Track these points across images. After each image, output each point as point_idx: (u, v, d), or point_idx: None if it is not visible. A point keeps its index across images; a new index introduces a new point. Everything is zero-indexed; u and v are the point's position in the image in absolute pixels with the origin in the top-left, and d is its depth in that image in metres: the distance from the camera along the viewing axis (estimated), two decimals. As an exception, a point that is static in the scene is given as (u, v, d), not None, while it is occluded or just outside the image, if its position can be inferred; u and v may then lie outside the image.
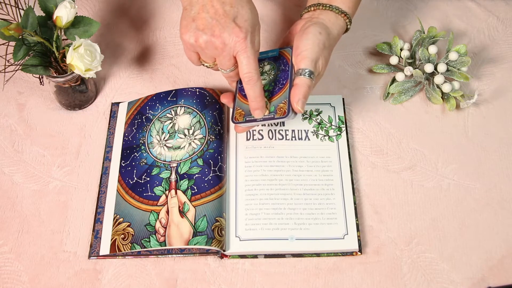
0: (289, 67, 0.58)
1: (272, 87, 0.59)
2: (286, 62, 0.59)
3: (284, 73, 0.59)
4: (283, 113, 0.56)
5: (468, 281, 0.60)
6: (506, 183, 0.67)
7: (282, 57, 0.60)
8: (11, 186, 0.67)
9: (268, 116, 0.57)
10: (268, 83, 0.60)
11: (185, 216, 0.61)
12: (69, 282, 0.60)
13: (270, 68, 0.61)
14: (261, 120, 0.57)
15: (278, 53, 0.61)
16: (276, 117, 0.56)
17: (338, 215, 0.63)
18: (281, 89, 0.57)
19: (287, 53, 0.60)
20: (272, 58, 0.62)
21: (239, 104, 0.60)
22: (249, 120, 0.58)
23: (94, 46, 0.64)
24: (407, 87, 0.73)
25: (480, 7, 0.83)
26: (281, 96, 0.57)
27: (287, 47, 0.61)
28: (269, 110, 0.57)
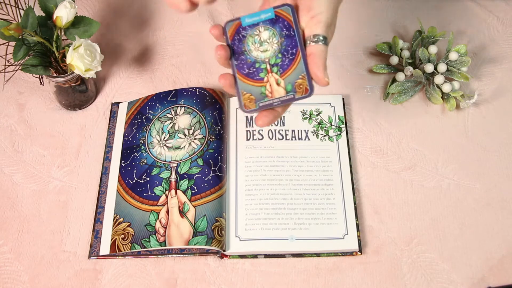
0: (294, 31, 0.47)
1: (280, 59, 0.47)
2: (289, 25, 0.47)
3: (290, 39, 0.47)
4: (305, 91, 0.46)
5: (468, 281, 0.60)
6: (506, 183, 0.67)
7: (281, 18, 0.48)
8: (11, 186, 0.67)
9: (287, 97, 0.46)
10: (274, 55, 0.47)
11: (185, 216, 0.61)
12: (69, 282, 0.60)
13: (270, 34, 0.48)
14: (278, 102, 0.46)
15: (274, 14, 0.48)
16: (297, 97, 0.46)
17: (338, 215, 0.63)
18: (292, 61, 0.47)
19: (286, 13, 0.48)
20: (268, 22, 0.48)
21: (243, 86, 0.47)
22: (263, 105, 0.46)
23: (94, 46, 0.64)
24: (407, 87, 0.73)
25: (480, 7, 0.83)
26: (295, 70, 0.47)
27: (283, 6, 0.48)
28: (286, 89, 0.46)
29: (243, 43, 0.48)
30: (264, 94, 0.47)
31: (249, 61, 0.48)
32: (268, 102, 0.46)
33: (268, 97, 0.46)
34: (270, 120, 0.47)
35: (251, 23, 0.49)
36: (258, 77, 0.47)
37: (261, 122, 0.47)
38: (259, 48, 0.48)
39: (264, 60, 0.48)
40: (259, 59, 0.48)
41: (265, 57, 0.48)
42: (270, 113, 0.47)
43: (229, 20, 0.48)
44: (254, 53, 0.48)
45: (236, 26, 0.48)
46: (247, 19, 0.48)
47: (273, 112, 0.47)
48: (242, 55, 0.48)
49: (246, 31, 0.48)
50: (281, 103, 0.47)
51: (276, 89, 0.46)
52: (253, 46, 0.48)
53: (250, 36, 0.48)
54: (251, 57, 0.48)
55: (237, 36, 0.48)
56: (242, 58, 0.48)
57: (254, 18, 0.49)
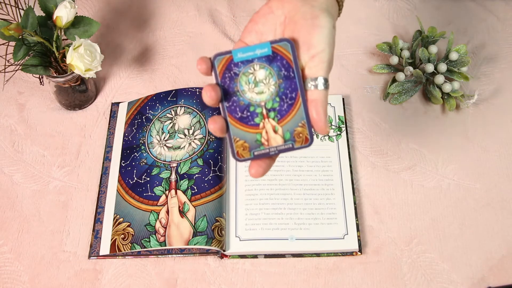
0: (294, 72, 0.42)
1: (278, 103, 0.42)
2: (288, 64, 0.42)
3: (289, 81, 0.42)
4: (304, 141, 0.42)
5: (468, 281, 0.60)
6: (506, 183, 0.67)
7: (279, 56, 0.42)
8: (11, 186, 0.67)
9: (285, 147, 0.42)
10: (271, 99, 0.42)
11: (185, 216, 0.61)
12: (69, 282, 0.60)
13: (267, 74, 0.42)
14: (275, 151, 0.42)
15: (271, 50, 0.42)
16: (296, 147, 0.42)
17: (338, 215, 0.63)
18: (291, 107, 0.42)
19: (285, 49, 0.42)
20: (264, 59, 0.42)
21: (236, 132, 0.42)
22: (258, 154, 0.42)
23: (94, 46, 0.64)
24: (407, 87, 0.73)
25: (480, 7, 0.83)
26: (294, 116, 0.42)
27: (281, 41, 0.42)
28: (284, 137, 0.42)
29: (235, 82, 0.42)
30: (259, 142, 0.42)
31: (243, 104, 0.42)
32: (264, 151, 0.42)
33: (264, 145, 0.42)
34: (264, 170, 0.42)
35: (244, 58, 0.42)
36: (253, 122, 0.42)
37: (254, 172, 0.42)
38: (254, 89, 0.42)
39: (260, 103, 0.42)
40: (254, 102, 0.42)
41: (261, 100, 0.42)
42: (265, 162, 0.42)
43: (218, 53, 0.42)
44: (248, 94, 0.42)
45: (226, 61, 0.42)
46: (239, 54, 0.42)
47: (267, 161, 0.42)
48: (235, 96, 0.42)
49: (239, 68, 0.42)
50: (278, 152, 0.42)
51: (273, 137, 0.42)
52: (247, 87, 0.42)
53: (243, 75, 0.42)
54: (244, 99, 0.42)
55: (228, 74, 0.42)
56: (235, 100, 0.42)
57: (248, 53, 0.42)
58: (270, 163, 0.43)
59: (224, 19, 0.82)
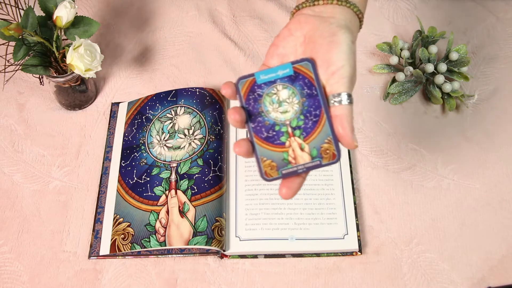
0: (316, 90, 0.43)
1: (303, 121, 0.43)
2: (310, 83, 0.43)
3: (313, 99, 0.43)
4: (332, 157, 0.42)
5: (468, 281, 0.60)
6: (506, 183, 0.67)
7: (301, 75, 0.43)
8: (11, 186, 0.67)
9: (313, 163, 0.42)
10: (295, 117, 0.43)
11: (185, 216, 0.61)
12: (69, 282, 0.60)
13: (290, 93, 0.43)
14: (303, 169, 0.42)
15: (293, 70, 0.44)
16: (324, 163, 0.42)
17: (338, 215, 0.63)
18: (316, 124, 0.43)
19: (306, 69, 0.43)
20: (286, 79, 0.43)
21: (262, 152, 0.42)
22: (286, 172, 0.42)
23: (94, 46, 0.64)
24: (407, 87, 0.73)
25: (480, 7, 0.83)
26: (320, 133, 0.42)
27: (302, 61, 0.43)
28: (311, 154, 0.42)
29: (259, 103, 0.43)
30: (286, 160, 0.42)
31: (268, 124, 0.43)
32: (292, 170, 0.42)
33: (292, 163, 0.42)
34: (295, 191, 0.42)
35: (267, 80, 0.43)
36: (279, 141, 0.42)
37: (285, 193, 0.42)
38: (278, 109, 0.43)
39: (285, 122, 0.43)
40: (279, 121, 0.43)
41: (285, 119, 0.43)
42: (294, 182, 0.42)
43: (241, 77, 0.44)
44: (273, 114, 0.43)
45: (250, 84, 0.44)
46: (262, 76, 0.43)
47: (297, 180, 0.42)
48: (259, 116, 0.43)
49: (262, 90, 0.43)
50: (306, 170, 0.42)
51: (300, 155, 0.42)
52: (271, 107, 0.43)
53: (267, 95, 0.43)
54: (269, 119, 0.43)
55: (252, 95, 0.43)
56: (260, 120, 0.43)
57: (271, 74, 0.44)
58: (300, 182, 0.43)
59: (224, 19, 0.82)
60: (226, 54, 0.79)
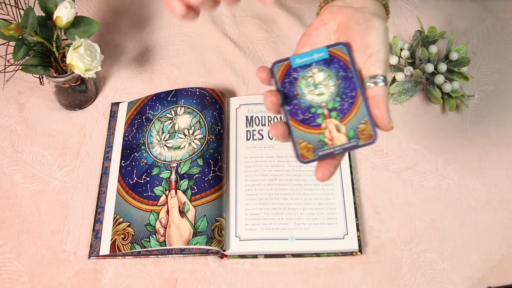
0: (352, 72, 0.43)
1: (339, 103, 0.43)
2: (345, 65, 0.43)
3: (348, 81, 0.43)
4: (369, 137, 0.42)
5: (468, 281, 0.60)
6: (506, 183, 0.67)
7: (336, 58, 0.44)
8: (11, 186, 0.67)
9: (350, 144, 0.42)
10: (331, 99, 0.43)
11: (185, 216, 0.62)
12: (69, 282, 0.60)
13: (325, 76, 0.44)
14: (340, 150, 0.42)
15: (328, 54, 0.44)
16: (361, 144, 0.42)
17: (338, 215, 0.63)
18: (352, 105, 0.43)
19: (341, 52, 0.44)
20: (322, 62, 0.44)
21: (298, 134, 0.43)
22: (323, 154, 0.42)
23: (94, 46, 0.64)
24: (407, 87, 0.73)
25: (480, 7, 0.83)
26: (356, 114, 0.42)
27: (336, 45, 0.44)
28: (348, 135, 0.42)
29: (295, 86, 0.44)
30: (323, 142, 0.42)
31: (304, 106, 0.43)
32: (329, 151, 0.42)
33: (328, 145, 0.42)
34: (331, 172, 0.42)
35: (302, 63, 0.44)
36: (315, 123, 0.43)
37: (321, 176, 0.42)
38: (314, 91, 0.43)
39: (321, 104, 0.43)
40: (315, 104, 0.43)
41: (321, 101, 0.43)
42: (330, 164, 0.42)
43: (277, 61, 0.44)
44: (309, 97, 0.43)
45: (285, 68, 0.44)
46: (297, 60, 0.44)
47: (333, 162, 0.42)
48: (295, 99, 0.43)
49: (298, 73, 0.44)
50: (343, 151, 0.42)
51: (336, 136, 0.42)
52: (307, 89, 0.43)
53: (302, 79, 0.44)
54: (305, 101, 0.43)
55: (288, 79, 0.44)
56: (295, 103, 0.43)
57: (306, 58, 0.44)
58: (336, 165, 0.43)
59: (224, 19, 0.82)
60: (226, 54, 0.79)
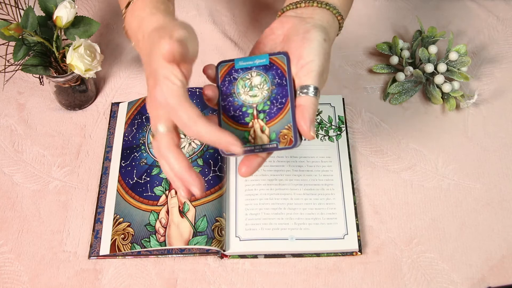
0: (286, 80, 0.46)
1: (268, 106, 0.46)
2: (282, 74, 0.46)
3: (281, 88, 0.46)
4: (288, 142, 0.44)
5: (468, 281, 0.60)
6: (506, 183, 0.67)
7: (275, 66, 0.47)
8: (11, 186, 0.67)
9: (270, 146, 0.45)
10: (262, 102, 0.46)
11: (185, 216, 0.62)
12: (69, 282, 0.60)
13: (262, 80, 0.47)
14: (260, 150, 0.45)
15: (269, 61, 0.48)
16: (280, 147, 0.45)
17: (338, 215, 0.63)
18: (280, 110, 0.45)
19: (281, 61, 0.47)
20: (261, 67, 0.47)
21: (226, 128, 0.46)
22: (244, 150, 0.45)
23: (94, 46, 0.64)
24: (407, 87, 0.73)
25: (480, 7, 0.83)
26: (282, 119, 0.45)
27: (278, 54, 0.47)
28: (270, 137, 0.45)
29: (233, 85, 0.47)
30: (246, 139, 0.45)
31: (236, 104, 0.47)
32: (250, 148, 0.45)
33: (251, 142, 0.45)
34: (253, 169, 0.45)
35: (244, 66, 0.48)
36: (243, 121, 0.46)
37: (244, 171, 0.45)
38: (248, 93, 0.47)
39: (252, 105, 0.46)
40: (247, 104, 0.47)
41: (253, 102, 0.46)
42: (253, 161, 0.45)
43: (222, 61, 0.48)
44: (243, 96, 0.47)
45: (228, 68, 0.48)
46: (240, 62, 0.48)
47: (256, 160, 0.45)
48: (230, 97, 0.47)
49: (238, 74, 0.48)
50: (262, 151, 0.45)
51: (259, 136, 0.45)
52: (243, 90, 0.47)
53: (241, 79, 0.47)
54: (239, 100, 0.47)
55: (228, 78, 0.48)
56: (230, 100, 0.47)
57: (248, 62, 0.48)
58: (259, 163, 0.46)
59: (224, 19, 0.82)
60: (226, 54, 0.79)
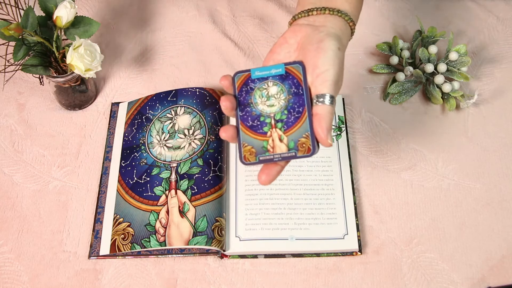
0: (302, 90, 0.47)
1: (286, 116, 0.47)
2: (298, 83, 0.47)
3: (298, 97, 0.47)
4: (307, 151, 0.45)
5: (468, 281, 0.60)
6: (506, 183, 0.67)
7: (291, 75, 0.48)
8: (11, 186, 0.67)
9: (289, 154, 0.46)
10: (280, 111, 0.47)
11: (185, 216, 0.62)
12: (69, 282, 0.60)
13: (278, 90, 0.48)
14: (279, 158, 0.46)
15: (285, 71, 0.48)
16: (298, 155, 0.46)
17: (338, 215, 0.63)
18: (298, 119, 0.46)
19: (296, 70, 0.48)
20: (277, 77, 0.48)
21: (245, 138, 0.47)
22: (263, 159, 0.46)
23: (94, 46, 0.64)
24: (407, 87, 0.73)
25: (480, 7, 0.83)
26: (299, 128, 0.46)
27: (294, 63, 0.48)
28: (288, 146, 0.46)
29: (250, 95, 0.48)
30: (265, 148, 0.46)
31: (254, 114, 0.47)
32: (269, 157, 0.46)
33: (269, 152, 0.46)
34: (273, 177, 0.46)
35: (260, 76, 0.49)
36: (262, 130, 0.47)
37: (264, 179, 0.46)
38: (265, 102, 0.47)
39: (270, 114, 0.47)
40: (265, 113, 0.47)
41: (270, 112, 0.47)
42: (273, 170, 0.46)
43: (238, 71, 0.49)
44: (260, 106, 0.47)
45: (245, 78, 0.49)
46: (257, 72, 0.48)
47: (275, 168, 0.46)
48: (248, 107, 0.48)
49: (255, 84, 0.48)
50: (282, 159, 0.46)
51: (278, 145, 0.46)
52: (260, 100, 0.47)
53: (258, 89, 0.48)
54: (256, 110, 0.47)
55: (245, 88, 0.48)
56: (248, 110, 0.47)
57: (264, 72, 0.49)
58: (278, 171, 0.46)
59: (224, 19, 0.82)
60: (226, 54, 0.79)
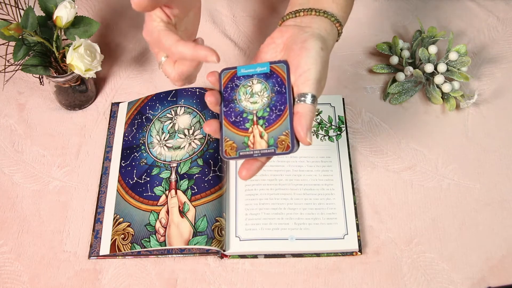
0: (285, 88, 0.48)
1: (268, 113, 0.48)
2: (281, 82, 0.48)
3: (281, 96, 0.48)
4: (286, 148, 0.46)
5: (468, 281, 0.60)
6: (506, 183, 0.67)
7: (275, 74, 0.49)
8: (11, 186, 0.67)
9: (268, 151, 0.47)
10: (262, 108, 0.48)
11: (185, 216, 0.62)
12: (69, 282, 0.60)
13: (262, 88, 0.49)
14: (258, 154, 0.47)
15: (270, 69, 0.50)
16: (277, 152, 0.46)
17: (338, 215, 0.63)
18: (279, 117, 0.48)
19: (281, 70, 0.49)
20: (262, 75, 0.50)
21: (227, 133, 0.48)
22: (243, 154, 0.47)
23: (94, 46, 0.64)
24: (407, 87, 0.73)
25: (480, 7, 0.83)
26: (280, 126, 0.47)
27: (279, 62, 0.49)
28: (268, 142, 0.47)
29: (235, 92, 0.49)
30: (246, 144, 0.47)
31: (237, 110, 0.49)
32: (249, 153, 0.47)
33: (250, 147, 0.47)
34: (253, 173, 0.47)
35: (246, 74, 0.50)
36: (243, 126, 0.48)
37: (245, 174, 0.47)
38: (249, 99, 0.49)
39: (252, 111, 0.48)
40: (247, 110, 0.48)
41: (253, 109, 0.48)
42: (253, 165, 0.47)
43: (225, 68, 0.50)
44: (244, 103, 0.49)
45: (231, 75, 0.50)
46: (242, 70, 0.50)
47: (255, 164, 0.47)
48: (232, 103, 0.49)
49: (240, 81, 0.50)
50: (261, 155, 0.47)
51: (258, 141, 0.47)
52: (244, 97, 0.49)
53: (242, 86, 0.49)
54: (240, 106, 0.49)
55: (231, 84, 0.50)
56: (231, 106, 0.49)
57: (250, 70, 0.50)
58: (259, 167, 0.48)
59: (224, 19, 0.82)
60: (226, 54, 0.79)
